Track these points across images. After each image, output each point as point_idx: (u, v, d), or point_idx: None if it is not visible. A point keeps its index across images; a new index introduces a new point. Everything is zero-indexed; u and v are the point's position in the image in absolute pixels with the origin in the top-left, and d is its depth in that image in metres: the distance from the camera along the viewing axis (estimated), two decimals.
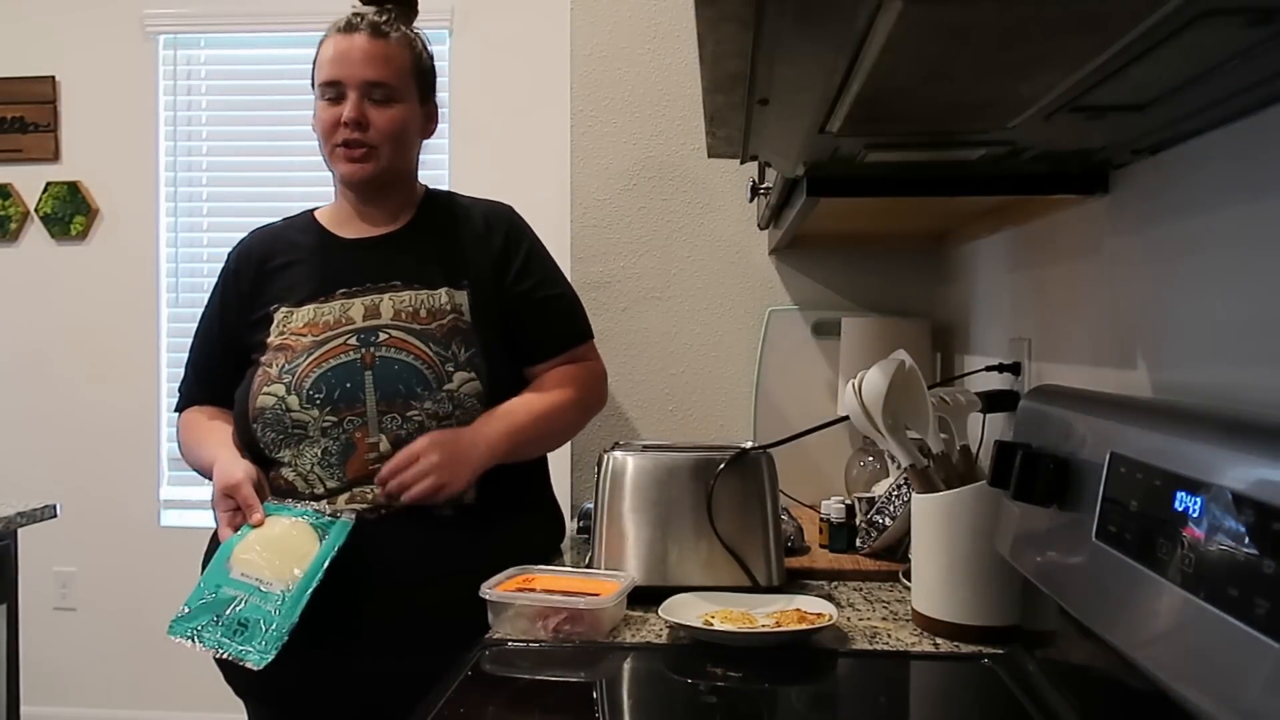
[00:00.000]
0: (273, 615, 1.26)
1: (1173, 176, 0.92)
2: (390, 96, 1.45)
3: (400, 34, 1.47)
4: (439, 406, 1.38)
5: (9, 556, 2.12)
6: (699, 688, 1.06)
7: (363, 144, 1.44)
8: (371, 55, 1.43)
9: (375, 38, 1.44)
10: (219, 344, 1.52)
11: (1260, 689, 0.54)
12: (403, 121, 1.47)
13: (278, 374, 1.40)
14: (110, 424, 3.14)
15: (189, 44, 3.18)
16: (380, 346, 1.40)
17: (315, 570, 1.29)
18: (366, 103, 1.44)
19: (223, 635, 1.26)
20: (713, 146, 1.00)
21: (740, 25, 0.61)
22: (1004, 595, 1.10)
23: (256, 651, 1.24)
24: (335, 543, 1.31)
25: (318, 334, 1.42)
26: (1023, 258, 1.42)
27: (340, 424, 1.37)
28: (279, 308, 1.46)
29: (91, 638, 3.18)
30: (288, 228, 1.56)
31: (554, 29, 2.72)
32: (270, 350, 1.43)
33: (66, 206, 3.19)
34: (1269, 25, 0.56)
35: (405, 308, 1.43)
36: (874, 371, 1.23)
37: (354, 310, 1.43)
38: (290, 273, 1.49)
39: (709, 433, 2.06)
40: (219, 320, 1.53)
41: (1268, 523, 0.55)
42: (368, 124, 1.44)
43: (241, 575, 1.30)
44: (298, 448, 1.39)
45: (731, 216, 2.07)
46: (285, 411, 1.38)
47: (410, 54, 1.48)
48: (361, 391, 1.37)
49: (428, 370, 1.39)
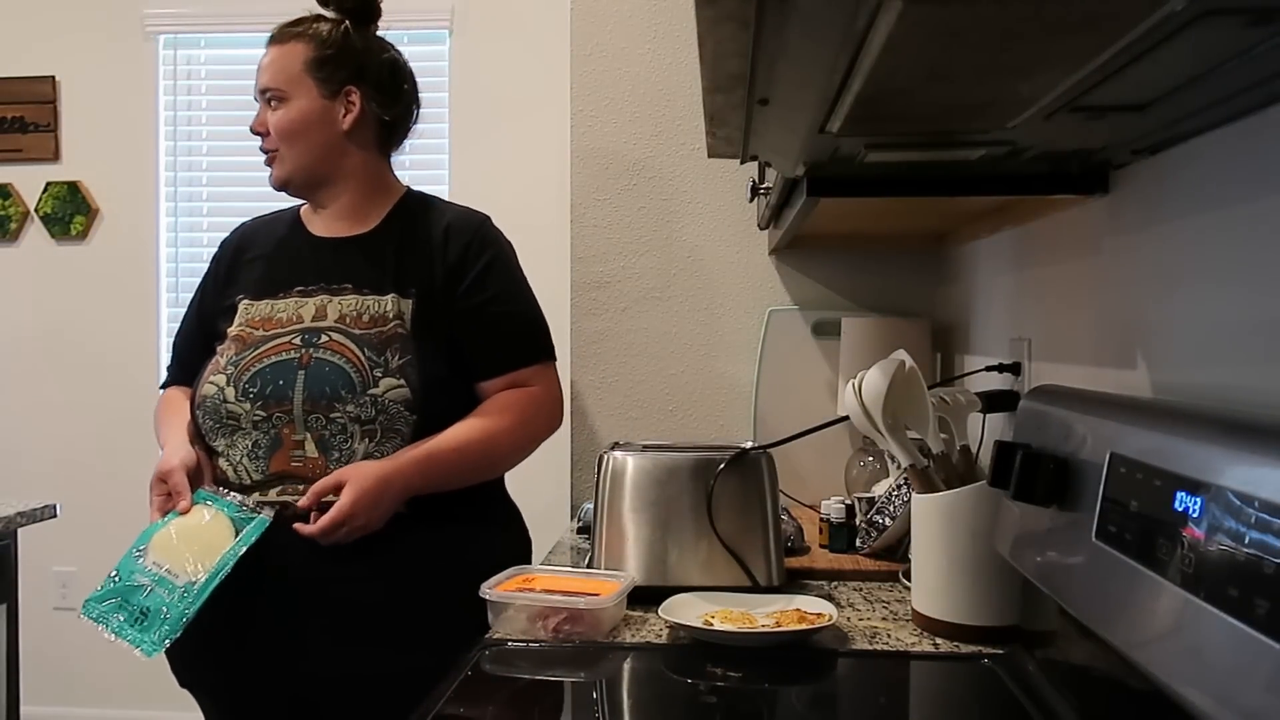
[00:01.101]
0: (173, 607, 1.28)
1: (1173, 176, 0.92)
2: (278, 97, 1.48)
3: (301, 31, 1.49)
4: (362, 410, 1.37)
5: (9, 556, 2.12)
6: (699, 688, 1.06)
7: (266, 150, 1.50)
8: (267, 64, 1.49)
9: (272, 45, 1.50)
10: (194, 327, 1.57)
11: (1260, 689, 0.54)
12: (290, 120, 1.47)
13: (224, 365, 1.43)
14: (110, 424, 3.14)
15: (189, 44, 3.18)
16: (320, 349, 1.41)
17: (221, 566, 1.30)
18: (267, 110, 1.49)
19: (124, 621, 1.30)
20: (713, 146, 1.00)
21: (740, 25, 0.61)
22: (1004, 595, 1.10)
23: (149, 643, 1.27)
24: (249, 539, 1.32)
25: (268, 330, 1.44)
26: (1023, 258, 1.42)
27: (269, 419, 1.39)
28: (242, 299, 1.49)
29: (91, 638, 3.17)
30: (276, 221, 1.59)
31: (554, 29, 2.72)
32: (227, 340, 1.46)
33: (66, 206, 3.19)
34: (1269, 25, 0.56)
35: (350, 312, 1.43)
36: (874, 371, 1.23)
37: (305, 310, 1.45)
38: (258, 266, 1.52)
39: (709, 433, 2.06)
40: (198, 304, 1.58)
41: (1268, 523, 0.55)
42: (266, 130, 1.48)
43: (153, 564, 1.33)
44: (231, 438, 1.41)
45: (731, 216, 2.07)
46: (222, 402, 1.41)
47: (308, 49, 1.47)
48: (291, 390, 1.38)
49: (355, 374, 1.38)
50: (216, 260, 1.58)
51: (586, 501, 1.76)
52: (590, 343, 2.09)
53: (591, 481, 1.43)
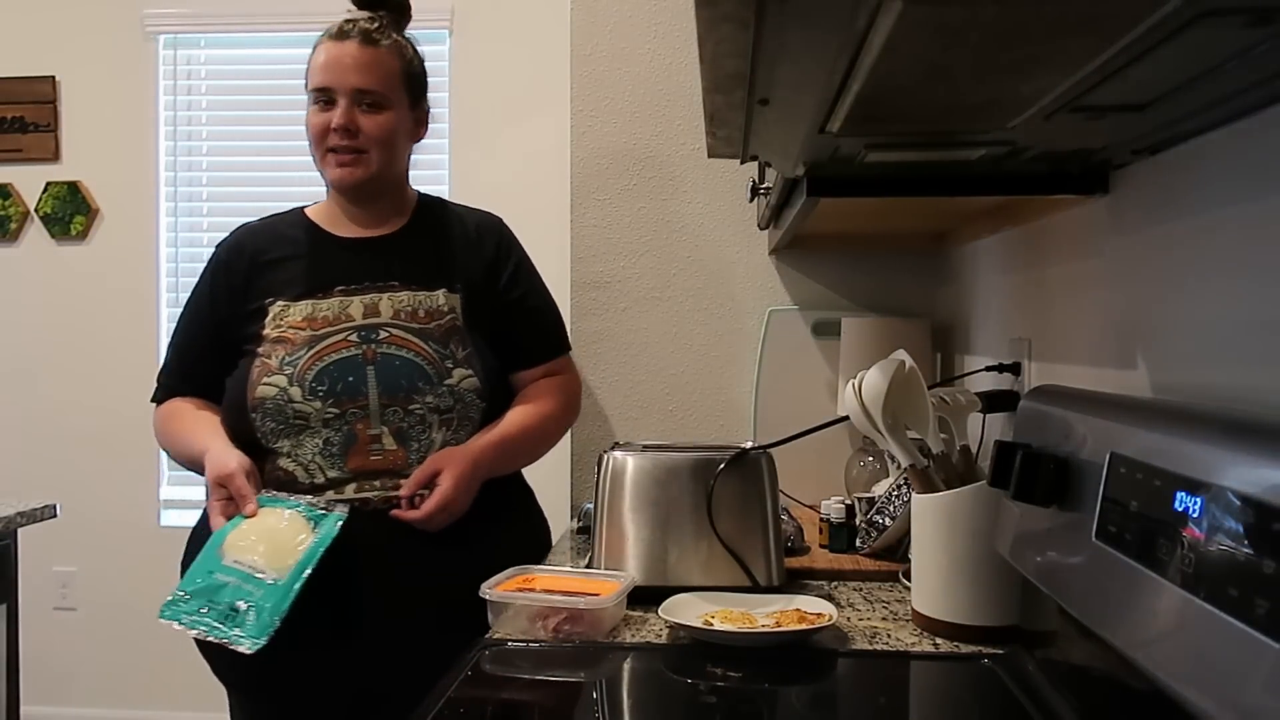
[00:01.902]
0: (265, 601, 1.27)
1: (1173, 176, 0.92)
2: (379, 103, 1.48)
3: (391, 41, 1.50)
4: (440, 400, 1.43)
5: (9, 556, 2.12)
6: (699, 688, 1.06)
7: (352, 149, 1.47)
8: (361, 63, 1.46)
9: (365, 45, 1.47)
10: (206, 335, 1.53)
11: (1260, 689, 0.54)
12: (391, 127, 1.49)
13: (278, 365, 1.42)
14: (110, 424, 3.14)
15: (189, 44, 3.18)
16: (381, 344, 1.43)
17: (308, 559, 1.30)
18: (356, 109, 1.46)
19: (214, 620, 1.27)
20: (713, 146, 1.00)
21: (740, 25, 0.61)
22: (1004, 595, 1.10)
23: (248, 637, 1.25)
24: (329, 535, 1.33)
25: (316, 329, 1.44)
26: (1023, 258, 1.42)
27: (343, 415, 1.40)
28: (274, 301, 1.48)
29: (91, 638, 3.18)
30: (279, 223, 1.58)
31: (554, 29, 2.72)
32: (267, 342, 1.45)
33: (66, 206, 3.19)
34: (1269, 25, 0.56)
35: (404, 307, 1.47)
36: (874, 371, 1.23)
37: (353, 308, 1.46)
38: (285, 267, 1.51)
39: (709, 433, 2.06)
40: (208, 311, 1.53)
41: (1268, 523, 0.55)
42: (357, 129, 1.47)
43: (235, 562, 1.31)
44: (298, 438, 1.41)
45: (731, 216, 2.07)
46: (287, 402, 1.40)
47: (400, 61, 1.51)
48: (364, 385, 1.41)
49: (428, 366, 1.43)
50: (225, 267, 1.53)
51: (586, 501, 1.76)
52: (590, 343, 2.09)
53: (591, 481, 1.43)
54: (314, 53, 1.50)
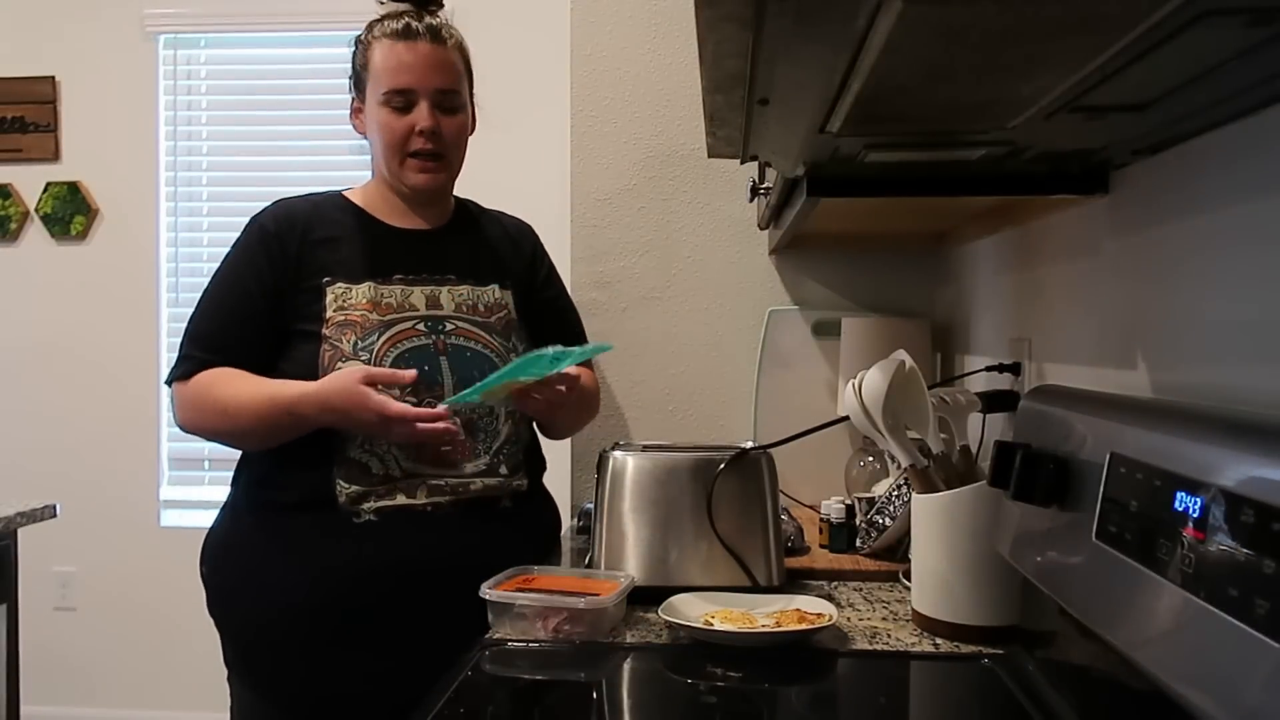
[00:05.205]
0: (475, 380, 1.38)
1: (1173, 176, 0.92)
2: (456, 104, 1.47)
3: (454, 39, 1.49)
4: None
5: (9, 556, 2.12)
6: (699, 688, 1.06)
7: (435, 154, 1.45)
8: (438, 63, 1.44)
9: (437, 44, 1.45)
10: (253, 305, 1.42)
11: (1260, 689, 0.54)
12: (465, 128, 1.51)
13: (351, 350, 1.38)
14: (110, 424, 3.14)
15: (189, 44, 3.18)
16: (450, 335, 1.45)
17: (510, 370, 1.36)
18: (437, 111, 1.44)
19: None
20: (713, 146, 1.00)
21: (740, 25, 0.61)
22: (1004, 595, 1.10)
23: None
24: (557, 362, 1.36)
25: (384, 315, 1.42)
26: (1023, 258, 1.42)
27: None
28: (333, 282, 1.42)
29: (91, 638, 3.18)
30: (322, 202, 1.51)
31: (554, 29, 2.71)
32: (332, 325, 1.39)
33: (66, 206, 3.19)
34: (1269, 25, 0.56)
35: (465, 301, 1.49)
36: (874, 371, 1.23)
37: (415, 298, 1.45)
38: (337, 247, 1.45)
39: (709, 433, 2.06)
40: (254, 283, 1.42)
41: (1268, 523, 0.55)
42: (441, 133, 1.45)
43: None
44: None
45: (731, 217, 2.07)
46: None
47: (464, 57, 1.51)
48: (439, 375, 1.41)
49: (497, 359, 1.46)
50: (276, 237, 1.43)
51: (586, 501, 1.76)
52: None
53: (591, 481, 1.44)
54: (375, 53, 1.43)
